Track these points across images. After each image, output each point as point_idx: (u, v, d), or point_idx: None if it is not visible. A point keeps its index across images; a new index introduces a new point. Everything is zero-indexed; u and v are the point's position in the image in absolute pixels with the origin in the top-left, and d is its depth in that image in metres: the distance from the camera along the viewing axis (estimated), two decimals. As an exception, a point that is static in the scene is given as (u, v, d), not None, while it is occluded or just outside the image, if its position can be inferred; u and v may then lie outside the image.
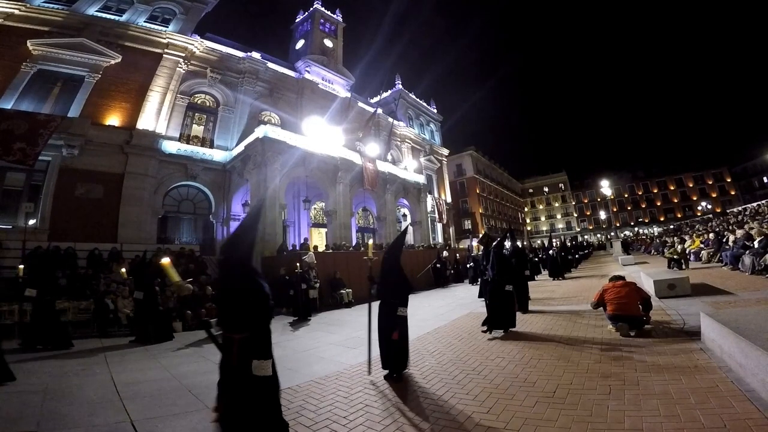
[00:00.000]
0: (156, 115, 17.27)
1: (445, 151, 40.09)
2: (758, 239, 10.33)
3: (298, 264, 10.75)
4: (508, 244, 8.87)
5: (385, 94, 36.28)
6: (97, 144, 15.22)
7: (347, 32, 30.93)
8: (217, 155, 19.32)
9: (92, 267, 11.79)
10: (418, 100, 38.25)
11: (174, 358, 6.28)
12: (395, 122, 31.87)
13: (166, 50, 18.02)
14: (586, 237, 60.73)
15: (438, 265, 16.62)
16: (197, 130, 19.71)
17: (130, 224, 15.39)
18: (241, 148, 17.82)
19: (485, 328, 6.20)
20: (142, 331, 7.69)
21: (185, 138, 18.96)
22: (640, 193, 65.50)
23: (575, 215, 69.24)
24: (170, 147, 17.71)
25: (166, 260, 3.87)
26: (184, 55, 18.55)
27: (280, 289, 11.63)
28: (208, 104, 20.34)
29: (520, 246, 12.42)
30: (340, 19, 29.93)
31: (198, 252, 15.65)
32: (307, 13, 29.13)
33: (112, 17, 17.28)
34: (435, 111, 40.54)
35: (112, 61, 16.41)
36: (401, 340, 4.42)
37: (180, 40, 18.43)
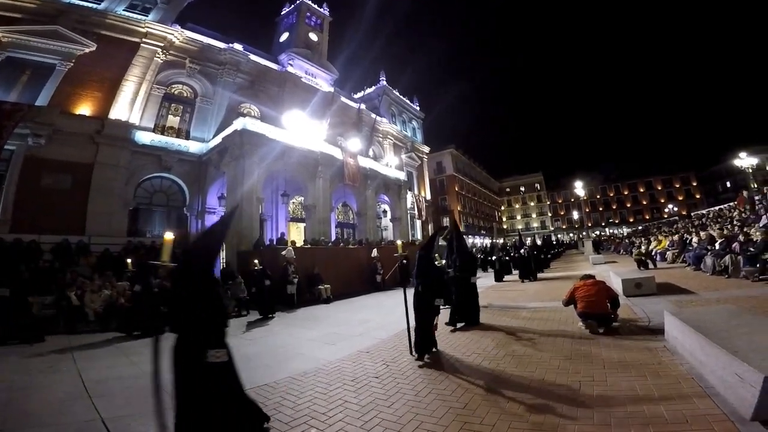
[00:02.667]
0: (130, 104, 16.68)
1: (426, 149, 40.35)
2: (719, 241, 10.89)
3: (256, 261, 10.46)
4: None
5: (369, 90, 36.15)
6: (66, 133, 14.54)
7: (333, 27, 30.57)
8: (193, 147, 18.83)
9: (59, 260, 11.29)
10: (401, 96, 38.33)
11: (145, 354, 6.10)
12: (378, 118, 31.83)
13: (144, 39, 17.35)
14: (559, 236, 62.48)
15: (404, 261, 16.12)
16: (173, 120, 19.13)
17: (100, 216, 14.82)
18: (218, 140, 17.42)
19: (416, 354, 4.97)
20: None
21: (160, 129, 18.38)
22: (611, 194, 67.97)
23: (549, 215, 71.17)
24: (144, 137, 17.16)
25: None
26: (162, 45, 17.91)
27: (256, 285, 11.50)
28: (185, 95, 19.74)
29: (470, 246, 11.54)
30: (327, 13, 29.51)
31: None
32: (293, 5, 28.54)
33: (90, 5, 16.41)
34: (418, 108, 40.70)
35: (87, 50, 15.67)
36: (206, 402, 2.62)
37: (159, 30, 17.76)
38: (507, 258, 16.23)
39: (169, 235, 2.95)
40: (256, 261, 10.46)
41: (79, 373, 4.93)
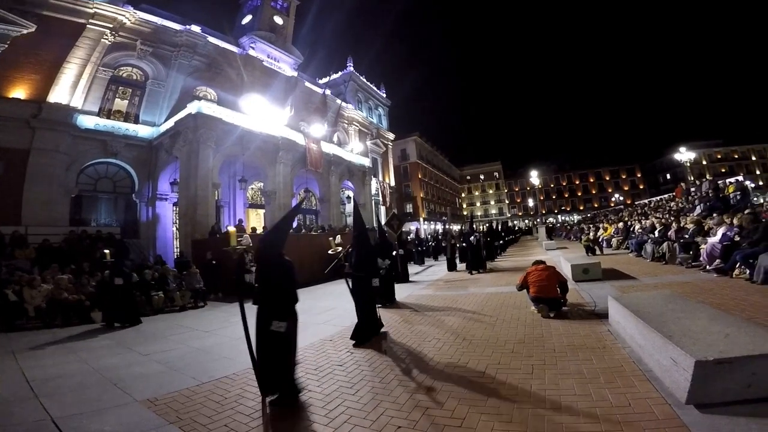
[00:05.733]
0: (72, 88, 15.47)
1: (391, 136, 40.40)
2: (658, 229, 11.75)
3: (106, 252, 8.55)
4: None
5: (335, 76, 35.52)
6: (-3, 118, 13.24)
7: (300, 10, 29.28)
8: (143, 131, 17.74)
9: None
10: (368, 83, 37.99)
11: (95, 350, 5.79)
12: (344, 104, 31.44)
13: (91, 20, 15.95)
14: (515, 222, 65.13)
15: (350, 249, 14.89)
16: (120, 104, 17.91)
17: (37, 204, 13.75)
18: (170, 123, 16.50)
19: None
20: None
21: (106, 112, 17.20)
22: (564, 183, 71.79)
23: (507, 202, 74.12)
24: (87, 122, 16.01)
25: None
26: (112, 26, 16.57)
27: (211, 274, 11.10)
28: (135, 77, 18.45)
29: (377, 231, 9.05)
30: (295, -4, 28.18)
31: (119, 235, 14.35)
32: (258, -13, 26.97)
33: (31, -16, 14.71)
34: (384, 95, 40.51)
35: (24, 31, 14.18)
36: None
37: (109, 11, 16.38)
38: (464, 245, 16.05)
39: None
40: (106, 252, 8.48)
41: (23, 373, 4.62)
